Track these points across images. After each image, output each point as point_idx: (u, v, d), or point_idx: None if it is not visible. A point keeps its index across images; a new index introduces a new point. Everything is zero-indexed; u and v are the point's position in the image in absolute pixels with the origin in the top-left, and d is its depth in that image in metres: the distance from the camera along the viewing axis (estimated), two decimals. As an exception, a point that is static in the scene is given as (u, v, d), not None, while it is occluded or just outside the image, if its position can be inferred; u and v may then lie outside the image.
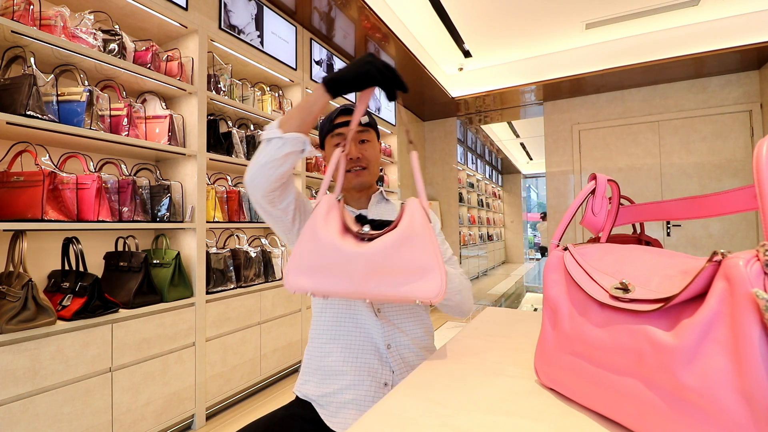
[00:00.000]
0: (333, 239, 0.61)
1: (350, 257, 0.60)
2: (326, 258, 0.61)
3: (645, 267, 0.40)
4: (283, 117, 0.73)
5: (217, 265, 1.93)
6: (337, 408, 0.79)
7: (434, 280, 0.57)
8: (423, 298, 0.57)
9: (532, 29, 3.42)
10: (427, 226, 0.60)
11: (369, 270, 0.59)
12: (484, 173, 7.86)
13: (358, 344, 0.82)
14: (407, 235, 0.59)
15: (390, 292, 0.59)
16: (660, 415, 0.33)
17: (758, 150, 0.30)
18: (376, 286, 0.59)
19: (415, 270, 0.58)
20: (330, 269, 0.61)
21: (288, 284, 0.64)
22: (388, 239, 0.60)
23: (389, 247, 0.59)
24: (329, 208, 0.67)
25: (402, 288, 0.58)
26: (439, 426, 0.41)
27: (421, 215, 0.61)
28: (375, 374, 0.80)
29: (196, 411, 1.77)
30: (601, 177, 0.54)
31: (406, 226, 0.60)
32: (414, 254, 0.58)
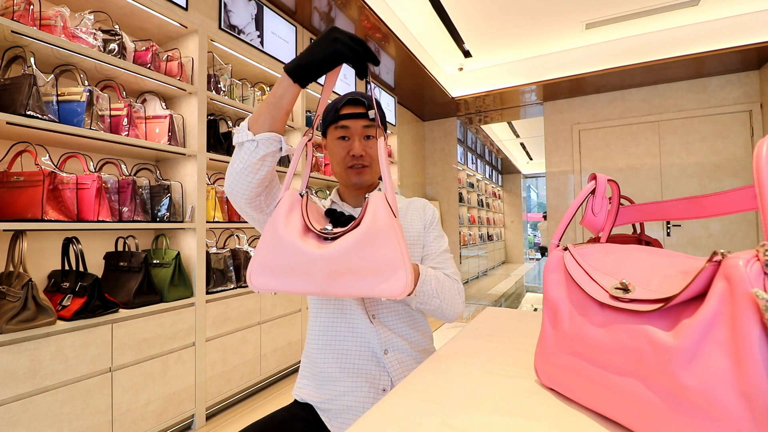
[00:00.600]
0: (294, 240, 0.58)
1: (311, 259, 0.57)
2: (287, 259, 0.59)
3: (645, 267, 0.40)
4: (253, 116, 0.68)
5: (217, 265, 1.93)
6: (337, 413, 0.78)
7: (399, 278, 0.55)
8: (388, 296, 0.56)
9: (532, 29, 3.42)
10: (390, 223, 0.57)
11: (331, 272, 0.57)
12: (484, 173, 7.86)
13: (355, 350, 0.80)
14: (369, 235, 0.56)
15: (354, 292, 0.58)
16: (660, 415, 0.33)
17: (758, 150, 0.30)
18: (341, 286, 0.57)
19: (379, 270, 0.56)
20: (292, 270, 0.59)
21: (251, 284, 0.61)
22: (349, 240, 0.56)
23: (351, 249, 0.56)
24: (291, 205, 0.63)
25: (366, 288, 0.57)
26: (439, 426, 0.41)
27: (383, 210, 0.58)
28: (373, 380, 0.78)
29: (196, 411, 1.77)
30: (601, 177, 0.54)
31: (368, 224, 0.57)
32: (377, 254, 0.56)
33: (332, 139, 0.87)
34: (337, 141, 0.85)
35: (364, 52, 0.61)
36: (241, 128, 0.68)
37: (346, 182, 0.88)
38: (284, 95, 0.65)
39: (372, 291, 0.56)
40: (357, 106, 0.84)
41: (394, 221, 0.57)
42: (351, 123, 0.84)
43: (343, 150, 0.85)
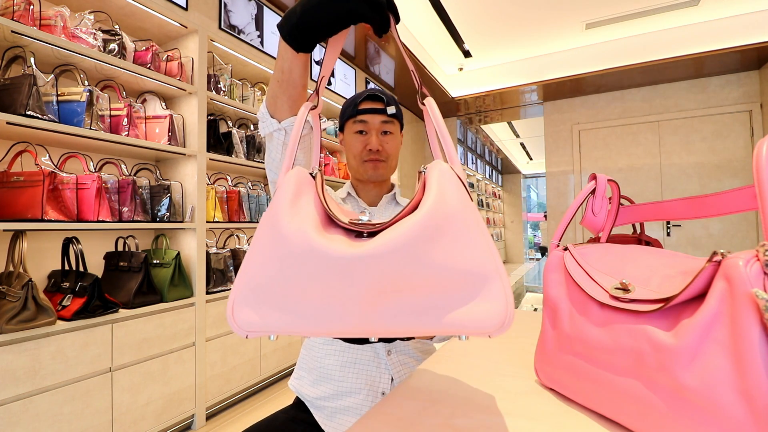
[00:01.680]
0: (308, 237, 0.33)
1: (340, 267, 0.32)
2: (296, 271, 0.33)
3: (645, 267, 0.40)
4: (269, 98, 0.59)
5: (217, 265, 1.93)
6: (332, 413, 0.77)
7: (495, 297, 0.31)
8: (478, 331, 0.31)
9: (532, 29, 3.42)
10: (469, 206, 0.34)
11: (377, 289, 0.32)
12: (484, 173, 7.86)
13: (358, 349, 0.79)
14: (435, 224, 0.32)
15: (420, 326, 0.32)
16: (660, 415, 0.33)
17: (758, 150, 0.30)
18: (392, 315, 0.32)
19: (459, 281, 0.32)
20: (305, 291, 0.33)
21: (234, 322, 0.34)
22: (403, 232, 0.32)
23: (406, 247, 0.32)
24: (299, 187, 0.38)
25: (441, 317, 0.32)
26: (439, 426, 0.41)
27: (457, 185, 0.35)
28: (372, 383, 0.77)
29: (196, 411, 1.77)
30: (601, 177, 0.54)
31: (432, 206, 0.33)
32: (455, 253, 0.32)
33: (350, 134, 0.87)
34: (354, 135, 0.86)
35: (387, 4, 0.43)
36: (262, 115, 0.60)
37: (362, 176, 0.89)
38: (292, 69, 0.53)
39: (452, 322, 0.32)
40: (376, 101, 0.85)
41: (473, 205, 0.35)
42: (369, 118, 0.84)
43: (361, 144, 0.86)
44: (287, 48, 0.50)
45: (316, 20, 0.44)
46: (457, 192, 0.35)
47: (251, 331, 0.35)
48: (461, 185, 0.36)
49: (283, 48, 0.50)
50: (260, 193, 2.28)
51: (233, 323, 0.34)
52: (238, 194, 2.12)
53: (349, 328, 0.33)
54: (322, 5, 0.43)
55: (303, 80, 0.55)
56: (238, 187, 2.17)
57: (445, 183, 0.35)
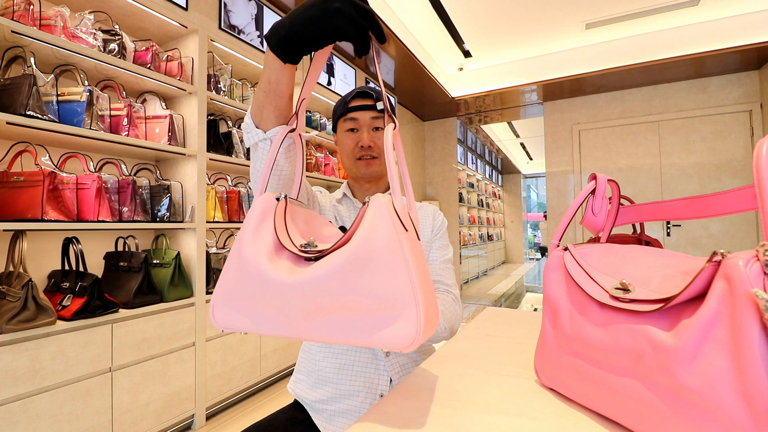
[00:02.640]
0: (258, 262, 0.42)
1: (280, 290, 0.41)
2: (252, 289, 0.43)
3: (645, 267, 0.40)
4: (254, 109, 0.58)
5: (217, 265, 1.93)
6: (331, 415, 0.77)
7: (408, 322, 0.38)
8: (390, 347, 0.39)
9: (532, 29, 3.42)
10: (394, 240, 0.40)
11: (310, 308, 0.40)
12: (484, 173, 7.86)
13: (356, 351, 0.78)
14: (362, 256, 0.39)
15: (342, 338, 0.40)
16: (660, 415, 0.33)
17: (758, 150, 0.30)
18: (324, 329, 0.40)
19: (376, 308, 0.39)
20: (258, 304, 0.43)
21: (213, 320, 0.45)
22: (334, 262, 0.40)
23: (335, 275, 0.40)
24: (263, 213, 0.46)
25: (358, 334, 0.40)
26: (439, 426, 0.41)
27: (386, 222, 0.40)
28: (371, 385, 0.77)
29: (196, 411, 1.77)
30: (601, 177, 0.54)
31: (361, 240, 0.40)
32: (373, 284, 0.39)
33: (342, 132, 0.88)
34: (346, 133, 0.86)
35: (370, 26, 0.46)
36: (247, 126, 0.59)
37: (356, 174, 0.88)
38: (279, 80, 0.53)
39: (367, 339, 0.39)
40: (365, 98, 0.85)
41: (401, 237, 0.40)
42: (359, 115, 0.85)
43: (352, 142, 0.86)
44: (275, 59, 0.51)
45: (304, 35, 0.47)
46: (386, 228, 0.40)
47: (226, 327, 0.45)
48: (395, 218, 0.41)
49: (271, 59, 0.51)
50: (260, 193, 2.28)
51: (213, 319, 0.45)
52: (238, 194, 2.12)
53: (295, 335, 0.42)
54: (311, 21, 0.46)
55: (289, 90, 0.55)
56: (238, 187, 2.17)
57: (378, 219, 0.41)
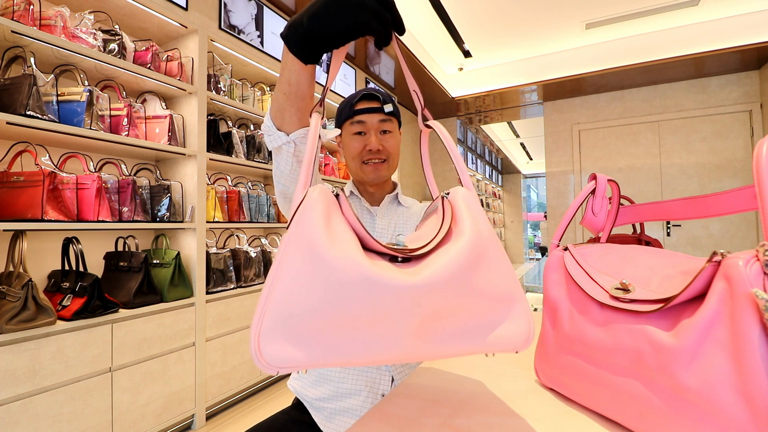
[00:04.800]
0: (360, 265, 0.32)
1: (401, 294, 0.32)
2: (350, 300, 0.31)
3: (645, 267, 0.40)
4: (275, 111, 0.56)
5: (217, 265, 1.93)
6: (332, 414, 0.77)
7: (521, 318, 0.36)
8: (506, 349, 0.35)
9: (532, 29, 3.42)
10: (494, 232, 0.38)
11: (425, 317, 0.33)
12: (484, 173, 7.86)
13: None
14: (478, 250, 0.35)
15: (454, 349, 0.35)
16: (660, 415, 0.33)
17: (758, 150, 0.30)
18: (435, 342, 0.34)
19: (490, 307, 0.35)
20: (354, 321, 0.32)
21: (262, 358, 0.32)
22: (453, 259, 0.34)
23: (458, 273, 0.34)
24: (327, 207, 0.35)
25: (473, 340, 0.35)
26: (439, 426, 0.41)
27: (484, 214, 0.39)
28: (373, 384, 0.77)
29: (196, 411, 1.77)
30: (601, 177, 0.54)
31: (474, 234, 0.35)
32: (491, 279, 0.35)
33: (348, 135, 0.85)
34: (353, 136, 0.84)
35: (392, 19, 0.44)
36: (268, 129, 0.58)
37: (362, 179, 0.87)
38: (300, 82, 0.51)
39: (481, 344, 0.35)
40: (372, 101, 0.83)
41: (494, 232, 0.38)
42: (367, 117, 0.83)
43: (360, 145, 0.84)
44: (295, 60, 0.48)
45: (326, 32, 0.43)
46: (487, 221, 0.38)
47: (283, 367, 0.32)
48: (485, 213, 0.39)
49: (290, 60, 0.48)
50: (260, 193, 2.28)
51: (260, 359, 0.32)
52: (238, 194, 2.12)
53: (395, 357, 0.33)
54: (332, 17, 0.43)
55: (310, 91, 0.53)
56: (238, 187, 2.17)
57: (477, 212, 0.38)
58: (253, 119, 2.37)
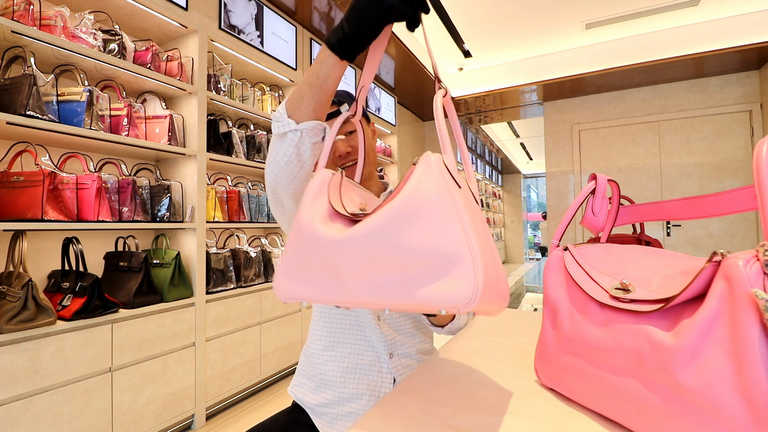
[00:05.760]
0: (312, 225, 0.43)
1: (328, 247, 0.41)
2: (308, 252, 0.43)
3: (645, 267, 0.40)
4: (292, 100, 0.58)
5: (217, 265, 1.93)
6: (333, 419, 0.76)
7: (464, 275, 0.34)
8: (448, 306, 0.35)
9: (532, 29, 3.42)
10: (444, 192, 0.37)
11: (358, 267, 0.38)
12: (484, 173, 7.86)
13: (359, 354, 0.78)
14: (407, 210, 0.37)
15: (396, 299, 0.37)
16: (659, 415, 0.33)
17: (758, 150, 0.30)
18: (378, 287, 0.37)
19: (424, 264, 0.36)
20: (314, 267, 0.43)
21: (277, 291, 0.46)
22: (377, 218, 0.38)
23: (380, 230, 0.37)
24: (320, 186, 0.49)
25: (417, 290, 0.36)
26: (439, 426, 0.41)
27: (435, 175, 0.39)
28: (374, 388, 0.76)
29: (196, 411, 1.77)
30: (601, 177, 0.54)
31: (407, 194, 0.38)
32: (425, 235, 0.36)
33: None
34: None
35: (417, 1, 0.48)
36: (278, 115, 0.59)
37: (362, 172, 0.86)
38: (329, 75, 0.54)
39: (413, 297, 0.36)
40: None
41: (452, 190, 0.38)
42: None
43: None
44: (331, 55, 0.52)
45: (359, 24, 0.49)
46: (436, 181, 0.38)
47: (289, 298, 0.46)
48: (443, 174, 0.39)
49: (326, 55, 0.52)
50: (260, 193, 2.28)
51: (277, 292, 0.47)
52: (238, 194, 2.12)
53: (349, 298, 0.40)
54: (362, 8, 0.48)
55: (333, 88, 0.56)
56: (238, 187, 2.17)
57: (425, 174, 0.39)
58: (253, 119, 2.37)
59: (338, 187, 0.50)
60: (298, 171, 0.61)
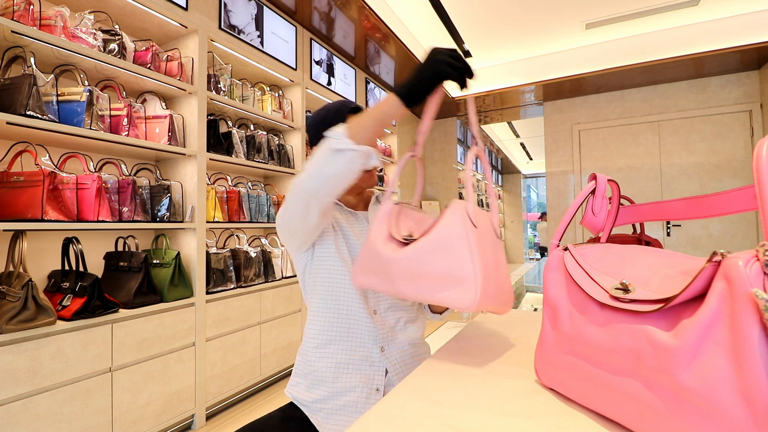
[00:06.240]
0: (376, 244, 0.68)
1: (386, 261, 0.65)
2: (372, 260, 0.68)
3: (645, 267, 0.40)
4: (354, 126, 0.67)
5: (217, 265, 1.93)
6: (329, 413, 0.78)
7: (467, 290, 0.56)
8: (455, 307, 0.58)
9: (532, 29, 3.42)
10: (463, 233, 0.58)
11: (406, 274, 0.62)
12: (484, 173, 7.85)
13: (351, 350, 0.81)
14: (437, 242, 0.60)
15: (419, 295, 0.62)
16: (659, 415, 0.33)
17: (758, 150, 0.30)
18: (414, 289, 0.62)
19: (444, 278, 0.58)
20: (375, 271, 0.67)
21: (353, 280, 0.73)
22: (418, 245, 0.62)
23: (417, 254, 0.61)
24: (384, 215, 0.72)
25: (436, 294, 0.59)
26: (439, 426, 0.41)
27: (458, 219, 0.59)
28: (366, 380, 0.79)
29: (196, 411, 1.77)
30: (601, 177, 0.54)
31: (438, 231, 0.60)
32: (442, 263, 0.58)
33: None
34: None
35: (464, 68, 0.63)
36: (338, 134, 0.67)
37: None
38: (393, 115, 0.67)
39: (433, 296, 0.59)
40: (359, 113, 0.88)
41: (469, 232, 0.58)
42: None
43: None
44: (400, 105, 0.66)
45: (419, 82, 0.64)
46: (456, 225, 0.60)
47: (362, 285, 0.72)
48: (463, 219, 0.59)
49: (395, 102, 0.65)
50: (260, 193, 2.28)
51: (354, 281, 0.73)
52: (238, 194, 2.12)
53: (396, 292, 0.65)
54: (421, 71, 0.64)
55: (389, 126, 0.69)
56: (238, 187, 2.17)
57: (450, 218, 0.61)
58: (253, 119, 2.37)
59: (396, 216, 0.74)
60: (340, 185, 0.69)
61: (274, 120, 2.39)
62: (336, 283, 0.82)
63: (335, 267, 0.82)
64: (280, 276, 2.31)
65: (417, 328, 0.89)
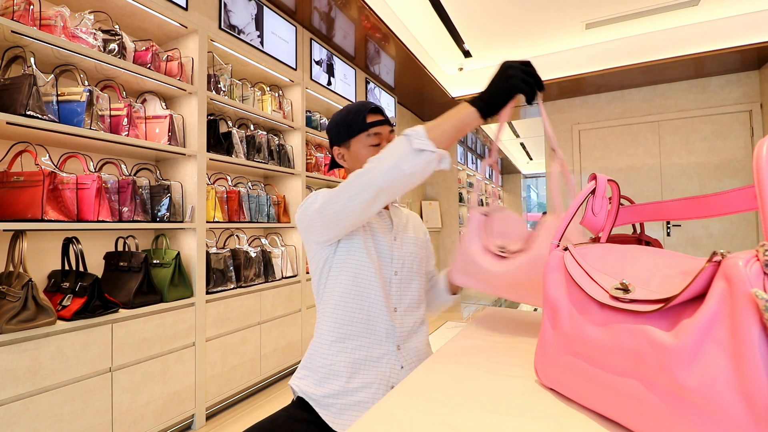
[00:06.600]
0: (474, 257, 0.76)
1: (490, 274, 0.73)
2: (472, 269, 0.76)
3: (645, 267, 0.40)
4: (434, 130, 0.70)
5: (217, 265, 1.93)
6: (342, 409, 0.78)
7: None
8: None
9: (532, 29, 3.42)
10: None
11: (509, 284, 0.71)
12: (484, 173, 7.85)
13: (368, 347, 0.82)
14: (538, 260, 0.66)
15: (528, 301, 0.72)
16: (659, 415, 0.33)
17: (758, 150, 0.30)
18: (517, 296, 0.71)
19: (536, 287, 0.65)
20: (477, 277, 0.76)
21: (454, 280, 0.81)
22: (519, 261, 0.68)
23: (520, 270, 0.68)
24: (475, 226, 0.79)
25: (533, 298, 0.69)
26: (439, 426, 0.41)
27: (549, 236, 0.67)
28: (383, 378, 0.80)
29: (196, 411, 1.77)
30: (601, 177, 0.54)
31: (538, 250, 0.67)
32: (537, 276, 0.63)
33: (363, 146, 0.91)
34: (369, 148, 0.91)
35: (535, 82, 0.66)
36: (419, 134, 0.69)
37: None
38: (471, 125, 0.70)
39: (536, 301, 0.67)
40: (379, 113, 0.93)
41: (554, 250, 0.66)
42: (382, 129, 0.91)
43: None
44: (477, 117, 0.69)
45: (493, 95, 0.68)
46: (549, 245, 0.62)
47: (460, 284, 0.82)
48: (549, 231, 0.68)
49: (473, 113, 0.69)
50: (260, 193, 2.28)
51: (456, 281, 0.82)
52: (238, 194, 2.12)
53: (497, 294, 0.75)
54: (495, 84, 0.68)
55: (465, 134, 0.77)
56: (238, 187, 2.17)
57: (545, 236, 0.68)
58: (253, 119, 2.37)
59: (484, 226, 0.80)
60: (413, 183, 0.72)
61: (274, 120, 2.39)
62: (361, 277, 0.84)
63: (362, 262, 0.84)
64: (280, 276, 2.31)
65: (426, 330, 0.94)
